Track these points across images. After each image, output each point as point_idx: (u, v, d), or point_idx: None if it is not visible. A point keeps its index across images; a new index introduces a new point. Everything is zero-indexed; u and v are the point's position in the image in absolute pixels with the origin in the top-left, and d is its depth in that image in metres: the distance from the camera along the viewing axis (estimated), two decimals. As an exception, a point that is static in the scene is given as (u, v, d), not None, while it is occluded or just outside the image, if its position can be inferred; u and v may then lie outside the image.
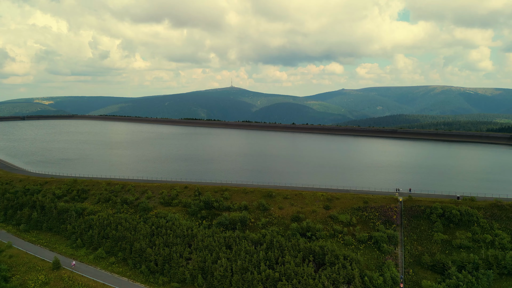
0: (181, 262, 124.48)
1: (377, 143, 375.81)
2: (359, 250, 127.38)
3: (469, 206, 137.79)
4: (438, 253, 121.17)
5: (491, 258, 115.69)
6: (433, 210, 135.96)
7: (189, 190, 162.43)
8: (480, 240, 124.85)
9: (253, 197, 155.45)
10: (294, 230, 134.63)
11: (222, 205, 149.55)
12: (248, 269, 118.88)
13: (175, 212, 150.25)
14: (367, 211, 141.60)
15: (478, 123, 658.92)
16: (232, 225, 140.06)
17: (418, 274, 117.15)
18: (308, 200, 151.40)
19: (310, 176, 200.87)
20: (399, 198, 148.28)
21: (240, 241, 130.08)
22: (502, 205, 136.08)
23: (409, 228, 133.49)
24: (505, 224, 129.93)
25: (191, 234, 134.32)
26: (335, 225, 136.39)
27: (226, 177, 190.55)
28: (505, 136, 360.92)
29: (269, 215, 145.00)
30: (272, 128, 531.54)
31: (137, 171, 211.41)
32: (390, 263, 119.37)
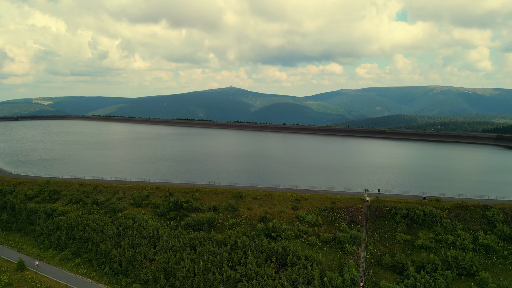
0: (144, 263, 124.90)
1: (365, 143, 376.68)
2: (323, 250, 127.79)
3: (434, 206, 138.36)
4: (398, 254, 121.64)
5: (451, 258, 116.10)
6: (397, 210, 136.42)
7: (160, 191, 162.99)
8: (442, 241, 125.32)
9: (223, 197, 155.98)
10: (259, 230, 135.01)
11: (191, 206, 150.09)
12: (210, 270, 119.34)
13: (144, 213, 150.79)
14: (334, 211, 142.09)
15: (475, 123, 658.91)
16: (199, 226, 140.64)
17: (378, 274, 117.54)
18: (277, 201, 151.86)
19: (284, 177, 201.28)
20: (367, 199, 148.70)
21: (205, 242, 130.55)
22: (467, 205, 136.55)
23: (373, 229, 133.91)
24: (468, 225, 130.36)
25: (157, 235, 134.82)
26: (301, 226, 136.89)
27: (200, 177, 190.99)
28: (491, 137, 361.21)
29: (237, 216, 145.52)
30: (263, 128, 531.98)
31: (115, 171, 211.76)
32: (351, 263, 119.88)
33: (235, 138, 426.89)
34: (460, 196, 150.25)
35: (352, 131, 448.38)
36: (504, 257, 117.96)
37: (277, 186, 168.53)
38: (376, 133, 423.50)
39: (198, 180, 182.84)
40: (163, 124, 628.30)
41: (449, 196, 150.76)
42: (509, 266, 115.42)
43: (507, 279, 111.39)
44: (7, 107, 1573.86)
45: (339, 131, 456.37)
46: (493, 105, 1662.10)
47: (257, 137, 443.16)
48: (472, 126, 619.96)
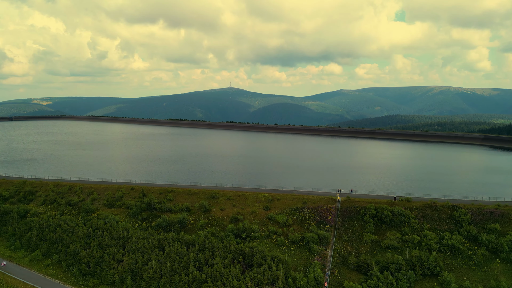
0: (112, 264, 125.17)
1: (353, 143, 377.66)
2: (290, 251, 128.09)
3: (403, 207, 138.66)
4: (364, 254, 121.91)
5: (415, 259, 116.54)
6: (367, 211, 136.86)
7: (135, 191, 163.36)
8: (408, 241, 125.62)
9: (197, 198, 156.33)
10: (229, 231, 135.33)
11: (164, 207, 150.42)
12: (177, 271, 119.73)
13: (117, 214, 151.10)
14: (304, 211, 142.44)
15: (472, 124, 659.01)
16: (170, 227, 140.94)
17: (344, 274, 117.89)
18: (250, 201, 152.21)
19: (262, 177, 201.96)
20: (338, 199, 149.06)
21: (173, 243, 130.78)
22: (435, 206, 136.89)
23: (342, 229, 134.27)
24: (435, 225, 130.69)
25: (127, 236, 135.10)
26: (271, 226, 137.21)
27: (180, 178, 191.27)
28: (479, 137, 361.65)
29: (209, 217, 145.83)
30: (255, 128, 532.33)
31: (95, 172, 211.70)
32: (316, 263, 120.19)
33: (225, 139, 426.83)
34: (431, 196, 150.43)
35: (342, 131, 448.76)
36: (469, 257, 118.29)
37: (252, 186, 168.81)
38: (365, 133, 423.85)
39: (179, 180, 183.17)
40: (156, 125, 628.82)
41: (420, 196, 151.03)
42: (473, 266, 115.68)
43: (470, 279, 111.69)
44: (6, 107, 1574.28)
45: (330, 131, 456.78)
46: (492, 105, 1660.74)
47: (248, 137, 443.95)
48: (468, 126, 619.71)
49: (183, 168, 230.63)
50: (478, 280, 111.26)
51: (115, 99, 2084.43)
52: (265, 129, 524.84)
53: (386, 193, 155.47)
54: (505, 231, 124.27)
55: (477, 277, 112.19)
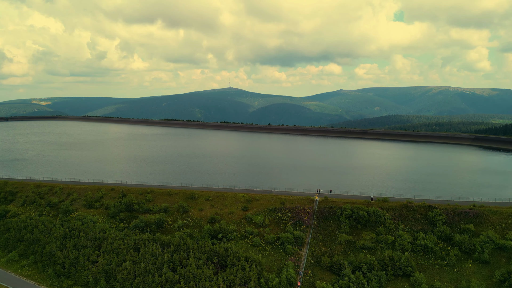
0: (87, 265, 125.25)
1: (344, 144, 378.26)
2: (265, 251, 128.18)
3: (380, 207, 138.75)
4: (337, 254, 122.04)
5: (387, 259, 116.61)
6: (343, 211, 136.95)
7: (115, 192, 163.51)
8: (382, 241, 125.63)
9: (176, 199, 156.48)
10: (205, 232, 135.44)
11: (143, 207, 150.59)
12: (150, 271, 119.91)
13: (96, 214, 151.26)
14: (281, 212, 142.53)
15: (469, 124, 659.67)
16: (147, 228, 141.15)
17: (317, 275, 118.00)
18: (229, 202, 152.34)
19: (244, 177, 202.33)
20: (316, 198, 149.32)
21: (149, 244, 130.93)
22: (411, 206, 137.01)
23: (318, 229, 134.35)
24: (410, 225, 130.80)
25: (103, 237, 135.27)
26: (248, 227, 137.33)
27: (158, 178, 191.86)
28: (470, 137, 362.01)
29: (187, 217, 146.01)
30: (249, 129, 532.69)
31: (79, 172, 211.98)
32: (289, 264, 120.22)
33: (218, 139, 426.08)
34: (410, 196, 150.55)
35: (335, 131, 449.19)
36: (441, 257, 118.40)
37: (233, 187, 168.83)
38: (358, 134, 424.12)
39: (160, 181, 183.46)
40: (151, 125, 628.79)
41: (398, 196, 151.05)
42: (446, 267, 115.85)
43: (442, 279, 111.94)
44: (5, 107, 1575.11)
45: (322, 131, 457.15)
46: (491, 105, 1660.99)
47: (240, 137, 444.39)
48: (466, 127, 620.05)
49: (168, 168, 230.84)
50: (449, 280, 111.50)
51: (115, 99, 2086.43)
52: (259, 129, 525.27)
53: (365, 194, 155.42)
54: (479, 231, 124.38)
55: (448, 278, 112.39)
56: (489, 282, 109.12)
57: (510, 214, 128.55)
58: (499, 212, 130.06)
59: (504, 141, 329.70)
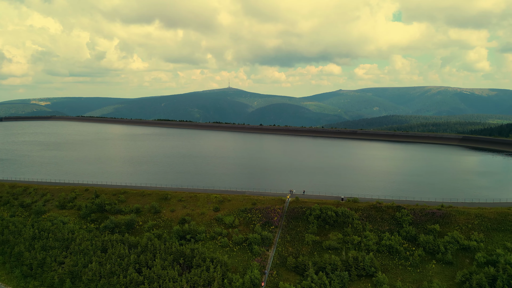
0: (54, 266, 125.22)
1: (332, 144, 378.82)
2: (233, 252, 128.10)
3: (349, 207, 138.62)
4: (301, 255, 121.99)
5: (351, 259, 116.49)
6: (312, 211, 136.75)
7: (89, 192, 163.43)
8: (348, 242, 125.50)
9: (149, 199, 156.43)
10: (174, 232, 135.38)
11: (114, 208, 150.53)
12: (115, 272, 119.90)
13: (68, 215, 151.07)
14: (252, 212, 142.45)
15: (466, 124, 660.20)
16: (117, 229, 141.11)
17: (282, 275, 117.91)
18: (201, 202, 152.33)
19: (220, 177, 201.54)
20: (287, 198, 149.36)
21: (117, 245, 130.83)
22: (380, 206, 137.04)
23: (287, 230, 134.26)
24: (377, 226, 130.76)
25: (71, 238, 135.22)
26: (217, 227, 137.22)
27: (134, 179, 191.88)
28: (457, 137, 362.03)
29: (158, 218, 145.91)
30: (241, 129, 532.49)
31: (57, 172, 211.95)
32: (254, 265, 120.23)
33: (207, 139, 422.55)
34: (382, 197, 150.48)
35: (325, 132, 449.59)
36: (405, 258, 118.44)
37: (207, 187, 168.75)
38: (347, 134, 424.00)
39: (135, 181, 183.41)
40: (144, 125, 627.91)
41: (369, 197, 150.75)
42: (409, 267, 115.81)
43: (404, 280, 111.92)
44: (4, 107, 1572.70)
45: (312, 131, 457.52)
46: (490, 106, 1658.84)
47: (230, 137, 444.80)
48: (463, 127, 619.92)
49: (148, 168, 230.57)
50: (412, 280, 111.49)
51: (114, 99, 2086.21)
52: (251, 129, 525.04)
53: (337, 194, 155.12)
54: (444, 231, 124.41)
55: (411, 278, 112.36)
56: (451, 283, 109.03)
57: (477, 214, 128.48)
58: (466, 212, 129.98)
59: (491, 142, 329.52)
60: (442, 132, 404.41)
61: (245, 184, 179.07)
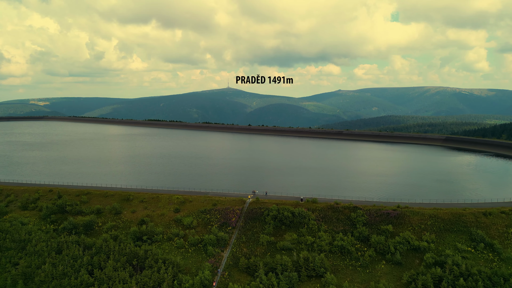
0: (8, 267, 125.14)
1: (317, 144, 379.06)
2: (188, 253, 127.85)
3: (307, 207, 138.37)
4: (254, 256, 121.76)
5: (301, 260, 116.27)
6: (269, 212, 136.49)
7: (52, 193, 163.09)
8: (302, 242, 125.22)
9: (111, 200, 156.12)
10: (131, 234, 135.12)
11: (75, 209, 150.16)
12: (68, 274, 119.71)
13: (29, 216, 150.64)
14: (211, 213, 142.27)
15: (463, 124, 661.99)
16: (76, 230, 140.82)
17: (233, 276, 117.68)
18: (162, 204, 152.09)
19: (186, 178, 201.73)
20: (249, 198, 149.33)
21: (72, 246, 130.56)
22: (337, 207, 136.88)
23: (243, 230, 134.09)
24: (333, 226, 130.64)
25: (28, 239, 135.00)
26: (175, 229, 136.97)
27: (98, 179, 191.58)
28: (441, 138, 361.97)
29: (118, 219, 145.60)
30: (229, 129, 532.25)
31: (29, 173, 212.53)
32: (206, 265, 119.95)
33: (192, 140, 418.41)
34: (344, 198, 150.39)
35: (311, 132, 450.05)
36: (356, 258, 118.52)
37: (171, 188, 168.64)
38: (333, 134, 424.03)
39: (100, 182, 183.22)
40: (135, 125, 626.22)
41: (329, 197, 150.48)
42: (359, 268, 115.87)
43: (353, 280, 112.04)
44: (3, 108, 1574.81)
45: (300, 132, 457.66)
46: (489, 106, 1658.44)
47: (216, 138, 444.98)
48: (459, 127, 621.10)
49: (117, 169, 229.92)
50: (360, 281, 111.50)
51: (112, 99, 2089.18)
52: (239, 130, 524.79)
53: (299, 195, 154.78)
54: (397, 232, 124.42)
55: (360, 278, 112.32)
56: (398, 284, 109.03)
57: (431, 215, 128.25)
58: (420, 213, 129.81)
59: (472, 142, 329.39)
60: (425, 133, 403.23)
61: (209, 184, 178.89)
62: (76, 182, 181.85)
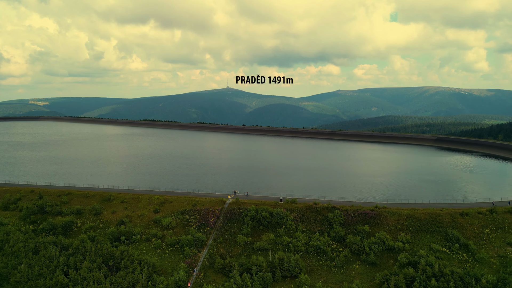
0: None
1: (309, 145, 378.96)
2: (165, 253, 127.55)
3: (286, 208, 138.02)
4: (229, 256, 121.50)
5: (277, 261, 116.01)
6: (248, 212, 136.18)
7: (34, 194, 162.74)
8: (279, 243, 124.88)
9: (92, 201, 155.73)
10: (109, 234, 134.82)
11: (55, 210, 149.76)
12: (43, 275, 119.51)
13: (9, 216, 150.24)
14: (190, 214, 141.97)
15: (460, 124, 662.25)
16: (54, 230, 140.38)
17: (209, 277, 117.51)
18: (142, 204, 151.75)
19: (168, 178, 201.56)
20: (228, 199, 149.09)
21: (49, 246, 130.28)
22: (316, 207, 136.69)
23: (221, 231, 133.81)
24: (310, 226, 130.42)
25: (6, 239, 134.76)
26: (153, 229, 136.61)
27: (79, 180, 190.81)
28: (432, 138, 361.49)
29: (98, 220, 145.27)
30: (223, 129, 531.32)
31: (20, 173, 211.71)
32: (182, 266, 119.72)
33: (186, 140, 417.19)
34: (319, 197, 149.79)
35: (304, 132, 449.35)
36: (331, 258, 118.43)
37: (152, 188, 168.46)
38: (326, 135, 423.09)
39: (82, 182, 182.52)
40: (129, 125, 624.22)
41: (309, 197, 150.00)
42: (334, 268, 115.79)
43: (328, 281, 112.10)
44: (2, 108, 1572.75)
45: (293, 132, 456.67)
46: (488, 106, 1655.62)
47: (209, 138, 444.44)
48: (456, 127, 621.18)
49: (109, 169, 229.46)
50: (335, 281, 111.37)
51: (112, 99, 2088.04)
52: (234, 130, 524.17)
53: (279, 195, 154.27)
54: (373, 232, 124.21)
55: (334, 279, 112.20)
56: (372, 284, 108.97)
57: (407, 215, 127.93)
58: (397, 213, 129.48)
59: (463, 142, 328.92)
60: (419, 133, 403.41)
61: (192, 185, 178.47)
62: (59, 183, 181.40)
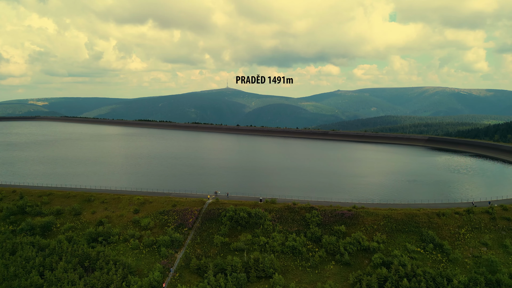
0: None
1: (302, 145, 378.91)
2: (142, 254, 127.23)
3: (264, 208, 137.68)
4: (204, 257, 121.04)
5: (251, 261, 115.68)
6: (226, 212, 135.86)
7: (15, 194, 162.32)
8: (256, 243, 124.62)
9: (72, 201, 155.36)
10: (87, 235, 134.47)
11: (35, 210, 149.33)
12: (18, 275, 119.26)
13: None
14: (169, 214, 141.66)
15: (459, 124, 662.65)
16: (33, 231, 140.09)
17: (184, 277, 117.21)
18: (123, 204, 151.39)
19: (150, 178, 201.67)
20: (208, 199, 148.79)
21: (26, 247, 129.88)
22: (294, 207, 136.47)
23: (199, 231, 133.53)
24: (287, 227, 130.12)
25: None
26: (132, 230, 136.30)
27: (63, 180, 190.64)
28: (423, 138, 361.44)
29: (77, 220, 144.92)
30: (217, 129, 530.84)
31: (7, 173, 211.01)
32: (157, 267, 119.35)
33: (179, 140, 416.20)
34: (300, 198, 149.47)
35: (297, 132, 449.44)
36: (307, 259, 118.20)
37: (134, 189, 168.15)
38: (319, 135, 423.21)
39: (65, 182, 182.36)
40: (124, 125, 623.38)
41: (289, 198, 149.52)
42: (309, 268, 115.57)
43: (302, 281, 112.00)
44: (2, 108, 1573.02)
45: (286, 132, 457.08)
46: (487, 106, 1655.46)
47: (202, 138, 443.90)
48: (454, 127, 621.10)
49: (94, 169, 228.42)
50: (309, 282, 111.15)
51: (111, 99, 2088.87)
52: (228, 130, 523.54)
53: (260, 195, 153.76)
54: (349, 232, 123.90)
55: (309, 279, 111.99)
56: (345, 284, 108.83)
57: (384, 215, 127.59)
58: (375, 213, 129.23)
59: (454, 142, 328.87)
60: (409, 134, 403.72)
61: (174, 185, 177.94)
62: (42, 183, 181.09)
